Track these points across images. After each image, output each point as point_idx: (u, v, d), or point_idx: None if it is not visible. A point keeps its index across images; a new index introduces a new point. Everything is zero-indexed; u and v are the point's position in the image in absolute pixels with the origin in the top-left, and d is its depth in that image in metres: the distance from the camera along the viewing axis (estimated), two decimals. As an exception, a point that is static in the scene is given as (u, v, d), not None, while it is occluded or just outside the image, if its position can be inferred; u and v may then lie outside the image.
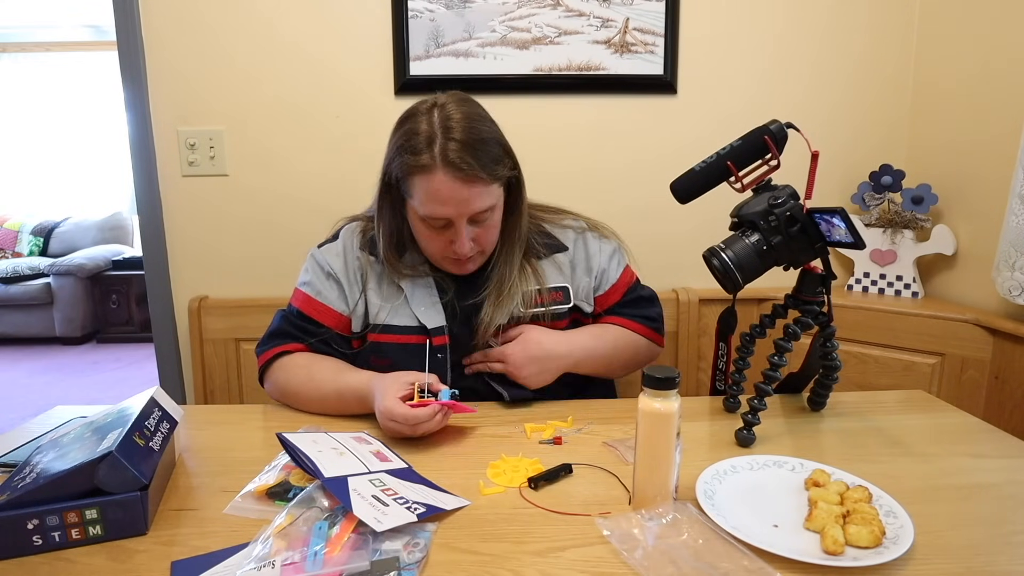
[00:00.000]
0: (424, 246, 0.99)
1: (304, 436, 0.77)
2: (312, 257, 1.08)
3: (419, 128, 0.90)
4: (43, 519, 0.60)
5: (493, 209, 0.95)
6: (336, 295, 1.04)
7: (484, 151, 0.90)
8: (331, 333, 1.03)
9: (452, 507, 0.68)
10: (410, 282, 1.01)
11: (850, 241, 0.77)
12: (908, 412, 0.98)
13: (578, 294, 1.07)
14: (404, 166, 0.91)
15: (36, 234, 4.46)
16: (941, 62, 1.52)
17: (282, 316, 1.06)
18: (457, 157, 0.87)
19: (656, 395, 0.64)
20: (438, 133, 0.89)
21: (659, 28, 1.54)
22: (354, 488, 0.66)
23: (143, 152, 1.53)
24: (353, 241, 1.07)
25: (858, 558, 0.57)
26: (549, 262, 1.06)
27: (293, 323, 1.04)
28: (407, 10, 1.50)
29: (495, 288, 1.00)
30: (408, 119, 0.93)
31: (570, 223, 1.11)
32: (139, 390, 0.82)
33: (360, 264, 1.04)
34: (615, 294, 1.09)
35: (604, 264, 1.08)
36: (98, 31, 4.60)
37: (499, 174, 0.93)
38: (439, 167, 0.88)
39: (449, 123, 0.89)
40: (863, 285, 1.59)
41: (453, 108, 0.91)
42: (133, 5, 1.47)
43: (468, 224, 0.93)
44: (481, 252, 0.99)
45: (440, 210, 0.91)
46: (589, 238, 1.09)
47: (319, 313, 1.03)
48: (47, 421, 0.92)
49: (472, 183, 0.89)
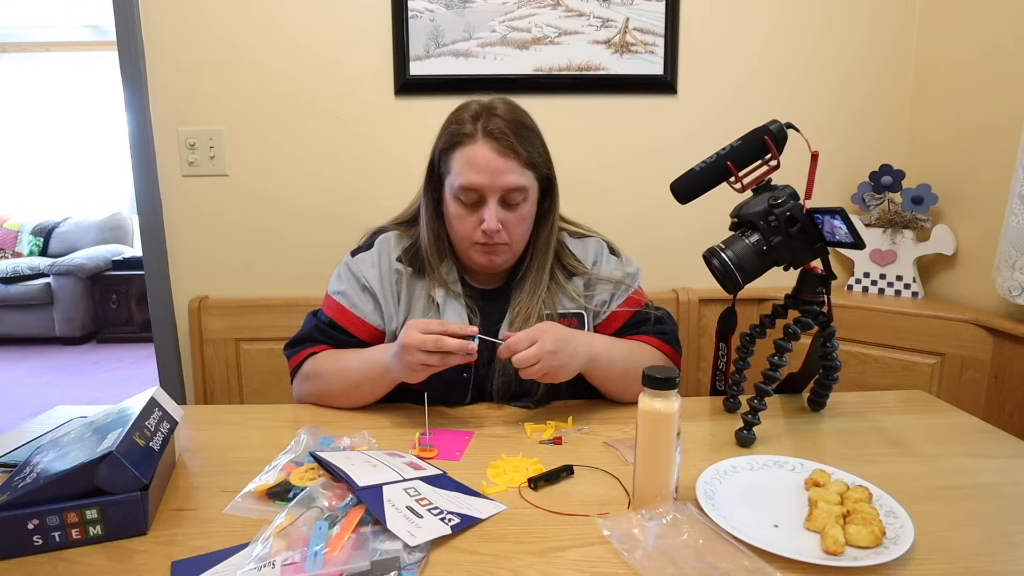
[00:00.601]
0: (455, 230, 0.99)
1: (337, 453, 0.77)
2: (347, 266, 1.06)
3: (468, 108, 0.98)
4: (43, 519, 0.60)
5: (525, 195, 0.97)
6: (371, 308, 1.03)
7: (523, 135, 0.95)
8: (362, 344, 1.02)
9: (487, 515, 0.67)
10: (443, 295, 1.01)
11: (850, 241, 0.77)
12: (908, 412, 0.98)
13: (597, 317, 1.06)
14: (448, 141, 0.97)
15: (36, 234, 4.46)
16: (941, 62, 1.52)
17: (313, 323, 1.05)
18: (497, 130, 0.94)
19: (656, 395, 0.64)
20: (484, 113, 0.96)
21: (659, 28, 1.54)
22: (388, 499, 0.65)
23: (143, 152, 1.53)
24: (390, 252, 1.05)
25: (858, 558, 0.57)
26: (570, 285, 1.05)
27: (324, 331, 1.03)
28: (407, 10, 1.51)
29: (513, 302, 1.01)
30: (459, 108, 1.00)
31: (590, 238, 1.11)
32: (139, 390, 0.82)
33: (396, 276, 1.04)
34: (620, 318, 1.06)
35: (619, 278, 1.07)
36: (98, 31, 4.60)
37: (534, 160, 0.97)
38: (480, 137, 0.94)
39: (495, 108, 0.97)
40: (863, 285, 1.59)
41: (501, 101, 0.99)
42: (133, 5, 1.47)
43: (499, 206, 0.95)
44: (508, 245, 0.98)
45: (475, 178, 0.93)
46: (609, 255, 1.09)
47: (352, 324, 1.03)
48: (47, 421, 0.92)
49: (507, 156, 0.93)
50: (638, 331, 1.05)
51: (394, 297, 1.03)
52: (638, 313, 1.06)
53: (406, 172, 1.60)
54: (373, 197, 1.57)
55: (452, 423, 0.93)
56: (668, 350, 1.05)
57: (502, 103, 0.98)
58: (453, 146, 0.96)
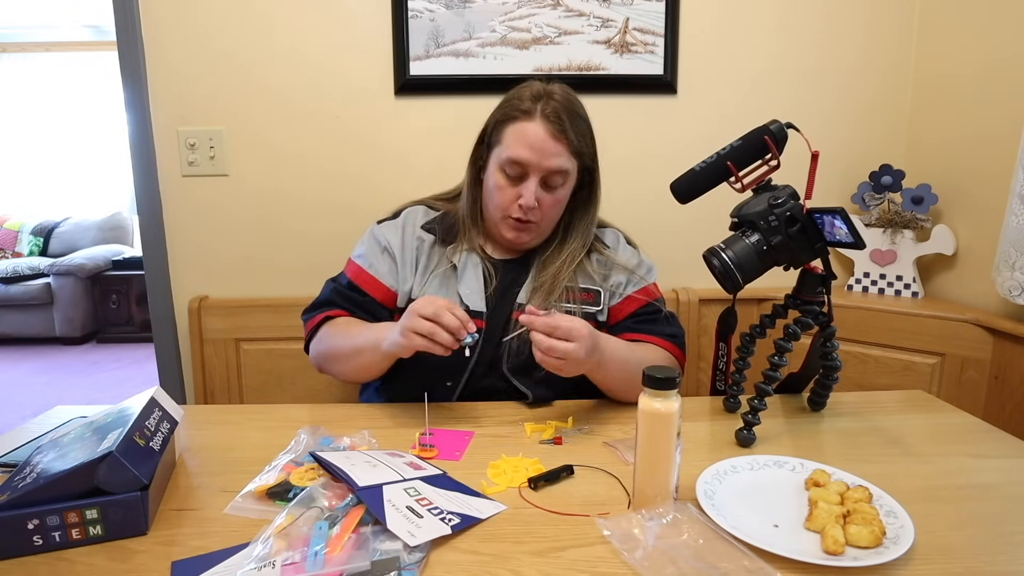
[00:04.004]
0: (493, 200, 1.03)
1: (337, 453, 0.77)
2: (371, 232, 1.12)
3: (531, 87, 1.02)
4: (43, 519, 0.60)
5: (566, 179, 1.01)
6: (387, 269, 1.08)
7: (577, 123, 1.00)
8: (376, 304, 1.07)
9: (487, 515, 0.67)
10: (465, 258, 1.05)
11: (850, 241, 0.77)
12: (908, 412, 0.98)
13: (612, 297, 1.08)
14: (505, 114, 1.01)
15: (36, 234, 4.46)
16: (941, 62, 1.52)
17: (332, 287, 1.10)
18: (554, 114, 0.98)
19: (656, 395, 0.64)
20: (544, 95, 1.00)
21: (659, 28, 1.54)
22: (388, 499, 0.65)
23: (143, 152, 1.53)
24: (416, 220, 1.11)
25: (858, 558, 0.57)
26: (588, 262, 1.08)
27: (341, 292, 1.08)
28: (407, 10, 1.50)
29: (537, 271, 1.05)
30: (521, 85, 1.04)
31: (608, 228, 1.16)
32: (139, 390, 0.82)
33: (418, 243, 1.08)
34: (633, 303, 1.07)
35: (634, 266, 1.10)
36: (98, 31, 4.60)
37: (582, 149, 1.01)
38: (537, 116, 0.98)
39: (555, 92, 1.01)
40: (863, 285, 1.59)
41: (560, 87, 1.03)
42: (133, 5, 1.47)
43: (539, 185, 0.99)
44: (538, 224, 1.03)
45: (524, 154, 0.97)
46: (626, 244, 1.14)
47: (368, 284, 1.07)
48: (47, 421, 0.92)
49: (558, 139, 0.98)
50: (651, 328, 1.06)
51: (412, 262, 1.07)
52: (650, 305, 1.08)
53: (406, 172, 1.60)
54: (373, 197, 1.56)
55: (452, 423, 0.93)
56: (679, 354, 1.06)
57: (561, 89, 1.02)
58: (509, 119, 1.00)
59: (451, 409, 0.98)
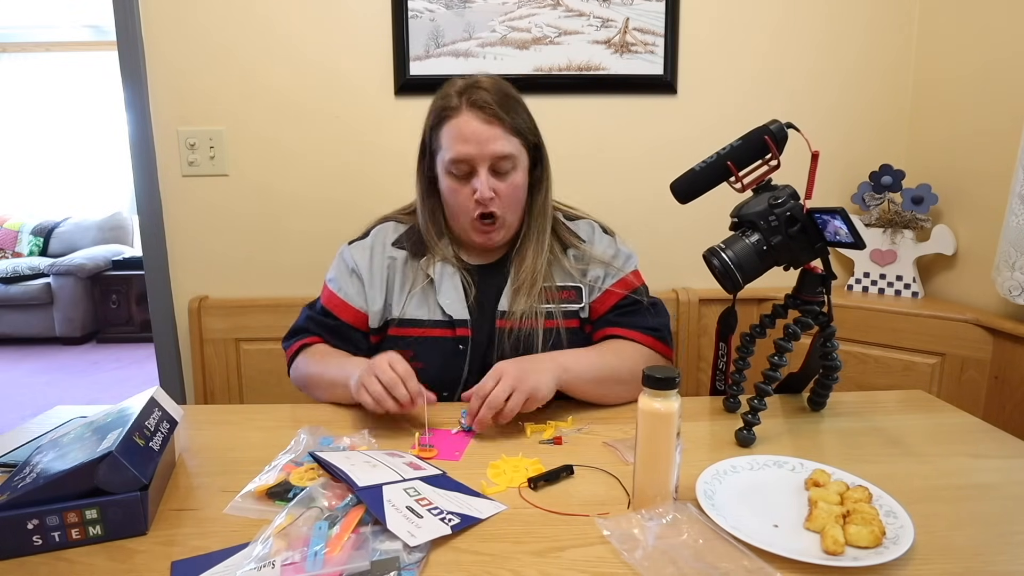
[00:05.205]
0: (451, 206, 1.03)
1: (336, 453, 0.77)
2: (340, 254, 1.12)
3: (454, 84, 1.01)
4: (43, 519, 0.60)
5: (514, 163, 1.00)
6: (355, 291, 1.07)
7: (507, 104, 0.98)
8: (349, 328, 1.07)
9: (487, 515, 0.67)
10: (440, 269, 1.04)
11: (850, 241, 0.77)
12: (908, 412, 0.98)
13: (592, 292, 1.07)
14: (436, 117, 1.00)
15: (36, 234, 4.46)
16: (941, 62, 1.52)
17: (307, 314, 1.11)
18: (481, 100, 0.97)
19: (656, 395, 0.64)
20: (467, 88, 0.99)
21: (659, 28, 1.54)
22: (388, 499, 0.65)
23: (143, 152, 1.53)
24: (385, 237, 1.10)
25: (858, 558, 0.57)
26: (565, 258, 1.07)
27: (315, 319, 1.09)
28: (407, 10, 1.50)
29: (515, 271, 1.04)
30: (445, 84, 1.03)
31: (582, 220, 1.14)
32: (139, 390, 0.82)
33: (389, 262, 1.07)
34: (613, 297, 1.06)
35: (611, 257, 1.08)
36: (98, 31, 4.60)
37: (519, 127, 1.00)
38: (464, 109, 0.97)
39: (479, 82, 1.00)
40: (863, 285, 1.59)
41: (485, 76, 1.02)
42: (133, 5, 1.47)
43: (490, 174, 0.98)
44: (503, 218, 1.01)
45: (463, 149, 0.96)
46: (602, 234, 1.12)
47: (339, 309, 1.07)
48: (47, 421, 0.92)
49: (492, 124, 0.97)
50: (631, 321, 1.05)
51: (383, 282, 1.06)
52: (629, 297, 1.07)
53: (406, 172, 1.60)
54: (373, 197, 1.56)
55: (452, 423, 0.93)
56: (660, 348, 1.05)
57: (486, 77, 1.01)
58: (441, 121, 0.99)
59: (451, 409, 0.98)
